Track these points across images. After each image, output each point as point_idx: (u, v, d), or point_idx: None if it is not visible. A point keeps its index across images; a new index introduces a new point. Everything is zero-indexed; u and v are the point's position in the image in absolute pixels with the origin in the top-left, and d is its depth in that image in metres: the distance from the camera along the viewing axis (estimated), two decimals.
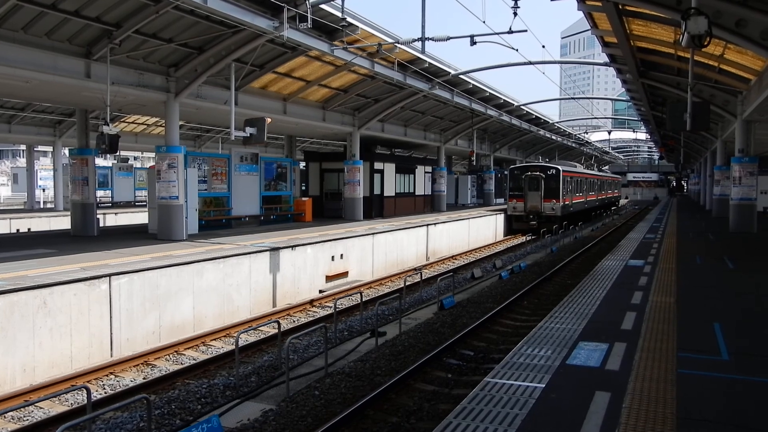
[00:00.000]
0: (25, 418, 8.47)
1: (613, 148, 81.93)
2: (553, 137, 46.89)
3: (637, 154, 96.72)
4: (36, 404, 8.60)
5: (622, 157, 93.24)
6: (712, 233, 21.84)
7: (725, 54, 16.88)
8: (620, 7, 13.75)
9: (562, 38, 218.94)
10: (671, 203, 54.62)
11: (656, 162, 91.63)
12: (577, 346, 7.07)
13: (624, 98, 40.51)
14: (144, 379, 10.06)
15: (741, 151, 22.01)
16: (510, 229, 34.56)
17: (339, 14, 15.38)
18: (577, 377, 6.02)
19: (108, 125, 15.15)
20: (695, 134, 32.90)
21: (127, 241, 16.47)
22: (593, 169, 54.34)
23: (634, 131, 64.74)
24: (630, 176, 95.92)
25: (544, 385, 5.78)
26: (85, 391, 7.05)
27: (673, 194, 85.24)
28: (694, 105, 13.30)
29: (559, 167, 33.72)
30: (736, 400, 5.45)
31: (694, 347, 7.03)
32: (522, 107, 33.90)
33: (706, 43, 9.36)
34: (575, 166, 41.69)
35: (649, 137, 58.81)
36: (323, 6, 14.95)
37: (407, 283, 16.79)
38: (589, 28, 17.11)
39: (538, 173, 33.40)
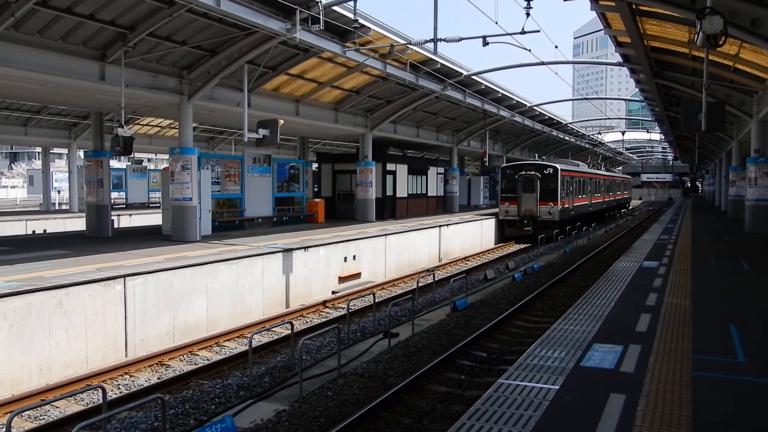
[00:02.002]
0: (41, 417, 8.56)
1: (627, 149, 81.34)
2: (566, 138, 46.65)
3: (651, 155, 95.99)
4: (52, 404, 8.69)
5: (636, 158, 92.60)
6: (727, 234, 21.63)
7: (740, 53, 16.72)
8: (634, 6, 13.67)
9: (575, 38, 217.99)
10: (686, 204, 54.16)
11: (670, 163, 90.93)
12: (592, 348, 7.03)
13: (638, 98, 40.23)
14: (158, 379, 10.13)
15: (757, 152, 21.80)
16: (502, 236, 30.99)
17: (351, 16, 15.42)
18: (591, 379, 5.99)
19: (122, 127, 15.28)
20: (710, 135, 32.63)
21: (141, 243, 16.60)
22: (600, 169, 50.70)
23: (648, 132, 64.18)
24: (644, 177, 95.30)
25: (558, 387, 5.75)
26: (100, 390, 7.11)
27: (688, 195, 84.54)
28: (709, 105, 13.19)
29: (557, 166, 30.48)
30: (752, 402, 5.39)
31: (709, 349, 6.97)
32: (535, 108, 33.75)
33: (721, 43, 9.29)
34: (578, 165, 38.22)
35: (663, 138, 58.31)
36: (335, 8, 14.98)
37: (420, 284, 16.77)
38: (603, 28, 17.01)
39: (533, 173, 30.02)
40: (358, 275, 18.65)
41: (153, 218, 30.36)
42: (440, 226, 24.50)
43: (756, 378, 6.02)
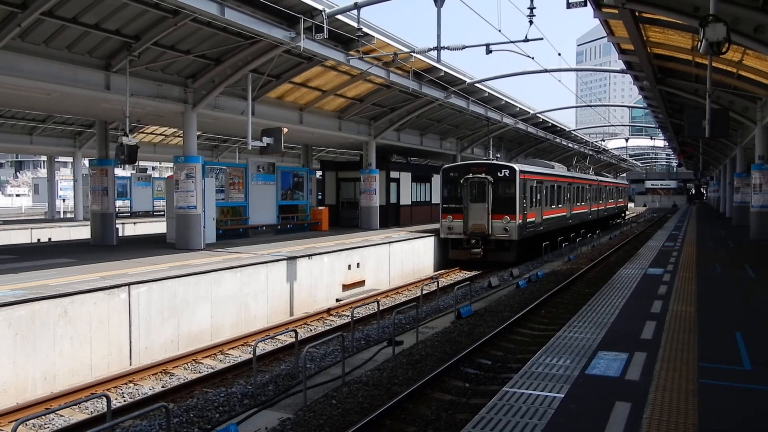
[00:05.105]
0: (46, 426, 8.57)
1: (631, 156, 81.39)
2: (570, 145, 46.63)
3: (655, 162, 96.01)
4: (57, 412, 8.69)
5: (640, 165, 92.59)
6: (732, 241, 21.56)
7: (744, 60, 16.71)
8: (637, 14, 13.69)
9: (578, 45, 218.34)
10: (690, 211, 54.01)
11: (675, 169, 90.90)
12: (597, 356, 7.00)
13: (641, 105, 40.15)
14: (162, 387, 10.13)
15: (761, 158, 21.76)
16: (445, 260, 23.93)
17: (355, 24, 15.46)
18: (596, 387, 5.97)
19: (127, 136, 15.35)
20: (714, 141, 32.56)
21: (145, 251, 16.63)
22: (588, 172, 42.82)
23: (651, 138, 64.26)
24: (648, 184, 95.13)
25: (563, 395, 5.73)
26: (104, 399, 7.11)
27: (692, 202, 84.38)
28: (712, 111, 13.17)
29: (514, 167, 23.27)
30: (759, 411, 5.36)
31: (715, 357, 6.93)
32: (538, 115, 33.77)
33: (724, 50, 9.27)
34: (552, 167, 31.38)
35: (667, 144, 58.30)
36: (339, 17, 15.05)
37: (424, 292, 16.75)
38: (606, 35, 17.04)
39: (483, 176, 22.83)
40: (362, 283, 18.64)
41: (157, 226, 30.43)
42: None
43: (763, 386, 5.98)
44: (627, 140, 67.22)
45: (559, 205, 29.78)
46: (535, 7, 14.02)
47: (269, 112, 19.82)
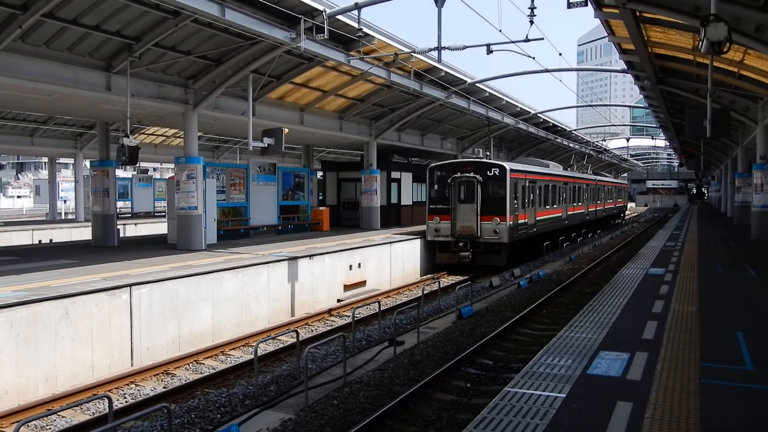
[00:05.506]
0: (48, 427, 8.57)
1: (632, 156, 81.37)
2: (571, 145, 46.60)
3: (656, 162, 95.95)
4: (58, 413, 8.70)
5: (641, 165, 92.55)
6: (733, 241, 21.54)
7: (745, 60, 16.70)
8: (638, 14, 13.68)
9: (579, 45, 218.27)
10: (691, 211, 53.96)
11: (676, 169, 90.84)
12: (598, 356, 7.00)
13: (642, 105, 40.08)
14: (164, 388, 10.14)
15: (762, 158, 21.74)
16: (432, 263, 22.74)
17: (355, 25, 15.46)
18: (598, 387, 5.96)
19: (128, 137, 15.35)
20: (715, 141, 32.56)
21: (146, 252, 16.63)
22: (585, 171, 41.26)
23: (652, 138, 64.22)
24: (649, 183, 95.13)
25: (564, 395, 5.73)
26: (106, 400, 7.12)
27: (694, 201, 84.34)
28: (713, 111, 13.17)
29: (504, 165, 22.12)
30: (761, 411, 5.36)
31: (716, 357, 6.93)
32: (539, 115, 33.75)
33: (725, 50, 9.26)
34: (547, 166, 30.09)
35: (668, 144, 58.23)
36: (340, 17, 15.05)
37: (425, 292, 16.74)
38: (607, 35, 17.03)
39: (471, 175, 21.77)
40: (363, 283, 18.64)
41: (158, 227, 30.44)
42: None
43: (764, 386, 5.98)
44: (628, 140, 67.18)
45: (554, 206, 28.73)
46: (535, 7, 14.00)
47: (270, 113, 19.83)
